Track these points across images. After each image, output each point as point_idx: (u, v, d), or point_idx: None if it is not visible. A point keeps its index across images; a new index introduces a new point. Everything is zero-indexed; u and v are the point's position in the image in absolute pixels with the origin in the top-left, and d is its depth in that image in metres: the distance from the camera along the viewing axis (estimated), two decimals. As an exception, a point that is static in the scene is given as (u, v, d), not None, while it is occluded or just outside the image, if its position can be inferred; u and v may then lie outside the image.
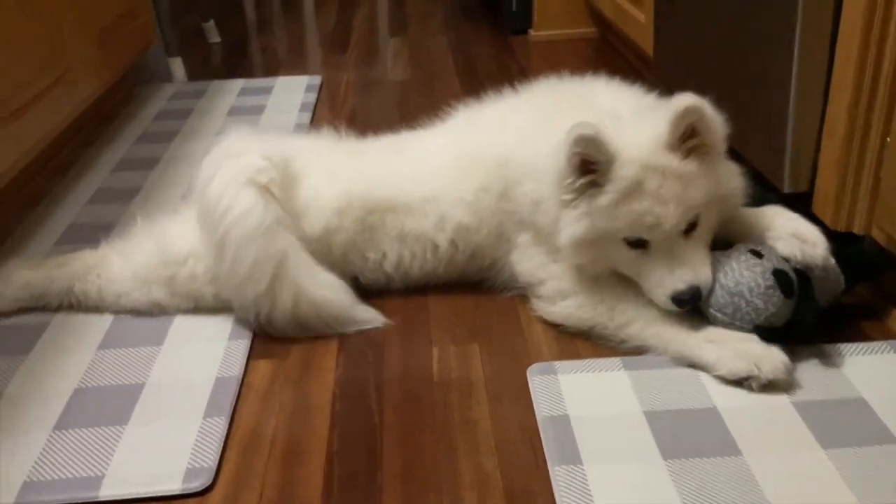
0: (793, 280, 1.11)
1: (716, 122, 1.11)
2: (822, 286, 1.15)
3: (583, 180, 1.11)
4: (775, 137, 1.31)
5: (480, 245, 1.32)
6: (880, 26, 1.10)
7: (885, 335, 1.20)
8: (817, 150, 1.26)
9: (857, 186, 1.18)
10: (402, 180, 1.33)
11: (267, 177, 1.24)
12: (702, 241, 1.15)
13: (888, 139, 1.12)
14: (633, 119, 1.14)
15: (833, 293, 1.17)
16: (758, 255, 1.13)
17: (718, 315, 1.13)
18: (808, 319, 1.13)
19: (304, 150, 1.40)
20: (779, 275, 1.10)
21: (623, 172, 1.09)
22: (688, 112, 1.07)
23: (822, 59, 1.22)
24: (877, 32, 1.11)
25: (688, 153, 1.10)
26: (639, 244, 1.13)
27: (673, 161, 1.09)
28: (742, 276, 1.11)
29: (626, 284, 1.19)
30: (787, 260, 1.13)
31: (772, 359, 1.08)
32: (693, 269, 1.12)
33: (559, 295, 1.24)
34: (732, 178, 1.17)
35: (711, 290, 1.13)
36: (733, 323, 1.12)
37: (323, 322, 1.25)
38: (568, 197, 1.13)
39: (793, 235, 1.15)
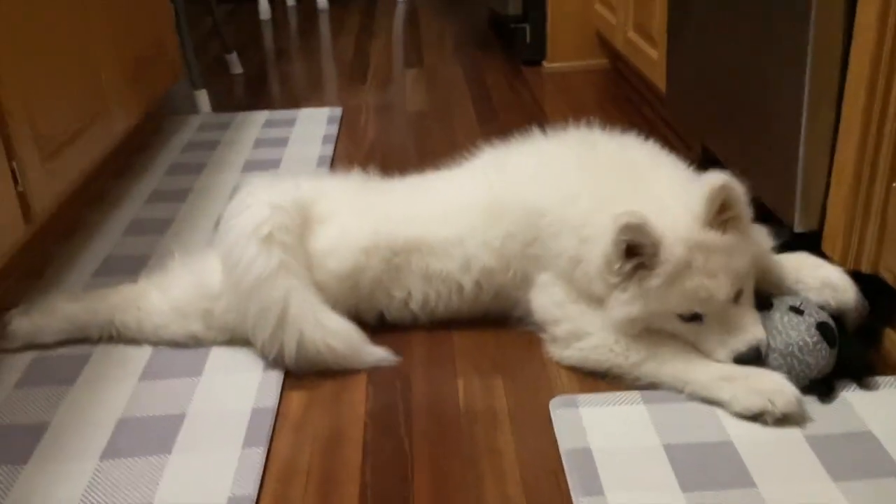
0: (834, 329, 1.18)
1: (742, 194, 1.17)
2: (854, 320, 1.23)
3: (630, 265, 1.16)
4: (786, 178, 1.37)
5: (504, 286, 1.37)
6: (885, 79, 1.16)
7: (894, 370, 1.25)
8: (826, 191, 1.32)
9: (864, 228, 1.24)
10: (428, 222, 1.38)
11: (270, 226, 1.30)
12: (748, 301, 1.21)
13: (894, 185, 1.17)
14: (672, 198, 1.19)
15: (861, 319, 1.25)
16: (798, 311, 1.20)
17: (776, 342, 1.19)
18: (855, 359, 1.21)
19: (332, 190, 1.47)
20: (822, 328, 1.18)
21: (670, 254, 1.14)
22: (720, 190, 1.13)
23: (831, 105, 1.28)
24: (882, 84, 1.17)
25: (723, 226, 1.16)
26: (693, 318, 1.18)
27: (714, 236, 1.15)
28: (790, 336, 1.18)
29: None
30: (822, 307, 1.21)
31: (784, 393, 1.13)
32: (750, 331, 1.18)
33: (573, 337, 1.28)
34: (763, 239, 1.26)
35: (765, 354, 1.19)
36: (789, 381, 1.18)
37: (330, 363, 1.30)
38: (615, 280, 1.18)
39: (823, 285, 1.23)
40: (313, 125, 2.42)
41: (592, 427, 1.15)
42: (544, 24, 2.91)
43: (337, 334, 1.29)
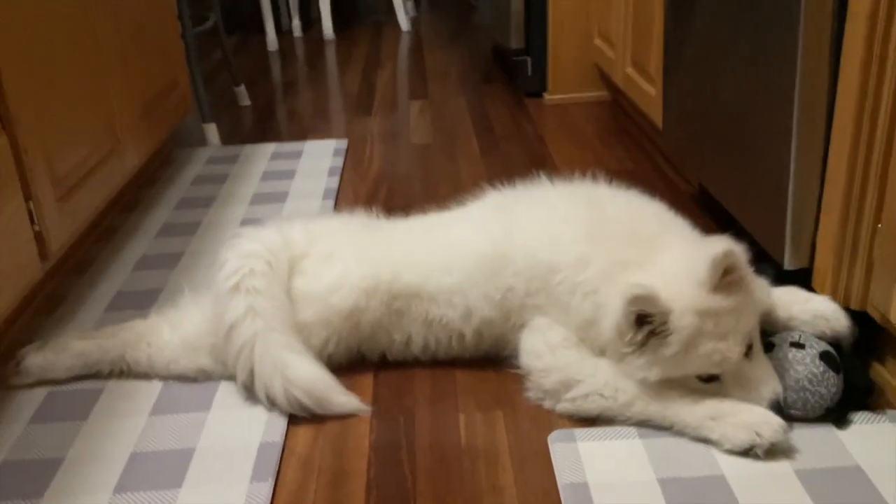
0: (836, 356, 1.24)
1: (744, 257, 1.19)
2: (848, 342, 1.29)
3: (641, 334, 1.19)
4: (776, 216, 1.41)
5: (504, 334, 1.40)
6: (870, 121, 1.21)
7: (884, 405, 1.28)
8: (816, 230, 1.36)
9: (852, 267, 1.28)
10: (429, 269, 1.40)
11: (239, 276, 1.35)
12: (759, 352, 1.24)
13: (879, 225, 1.22)
14: (679, 265, 1.21)
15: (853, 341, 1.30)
16: (799, 345, 1.25)
17: (792, 412, 1.23)
18: (860, 382, 1.25)
19: (334, 230, 1.51)
20: (826, 357, 1.23)
21: (681, 323, 1.16)
22: (724, 258, 1.16)
23: (819, 145, 1.33)
24: (867, 126, 1.21)
25: (728, 288, 1.18)
26: (710, 378, 1.22)
27: (721, 300, 1.17)
28: (797, 371, 1.22)
29: None
30: (820, 338, 1.26)
31: (769, 424, 1.17)
32: (767, 383, 1.21)
33: (563, 387, 1.28)
34: (763, 292, 1.30)
35: None
36: (807, 415, 1.23)
37: (302, 408, 1.31)
38: (628, 350, 1.21)
39: (815, 317, 1.28)
40: (319, 157, 2.48)
41: (589, 461, 1.19)
42: (545, 57, 2.97)
43: (297, 383, 1.30)
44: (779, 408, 1.20)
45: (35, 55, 1.53)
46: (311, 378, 1.31)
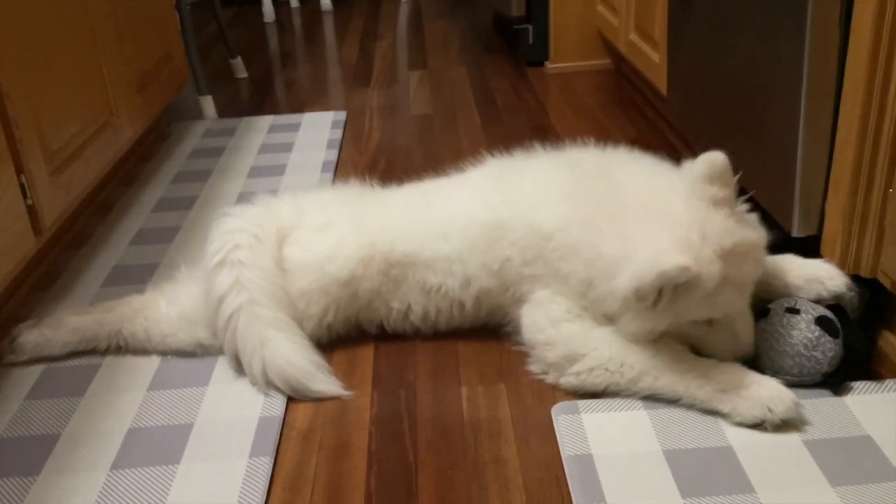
0: (834, 320, 1.20)
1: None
2: (853, 305, 1.26)
3: (663, 300, 1.15)
4: (785, 183, 1.38)
5: (502, 304, 1.38)
6: (881, 84, 1.17)
7: (893, 373, 1.26)
8: (825, 196, 1.33)
9: (862, 234, 1.25)
10: (427, 237, 1.38)
11: (225, 252, 1.35)
12: (747, 302, 1.23)
13: (890, 190, 1.19)
14: (686, 216, 1.17)
15: (862, 304, 1.28)
16: (794, 311, 1.22)
17: (788, 378, 1.20)
18: (860, 347, 1.22)
19: (329, 201, 1.49)
20: (822, 321, 1.20)
21: (710, 279, 1.12)
22: (716, 164, 1.19)
23: (829, 110, 1.29)
24: (878, 89, 1.18)
25: (722, 203, 1.17)
26: (708, 321, 1.20)
27: (745, 236, 1.16)
28: (792, 336, 1.20)
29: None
30: (818, 302, 1.23)
31: (782, 400, 1.15)
32: (748, 336, 1.22)
33: (567, 361, 1.26)
34: (759, 229, 1.23)
35: (773, 359, 1.22)
36: (803, 380, 1.21)
37: (287, 387, 1.29)
38: (639, 305, 1.17)
39: (808, 281, 1.25)
40: (317, 130, 2.44)
41: (594, 433, 1.17)
42: (547, 25, 2.92)
43: (273, 367, 1.28)
44: (752, 362, 1.20)
45: (24, 27, 1.50)
46: (288, 362, 1.28)
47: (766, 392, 1.15)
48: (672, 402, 1.21)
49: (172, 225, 1.88)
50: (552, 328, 1.28)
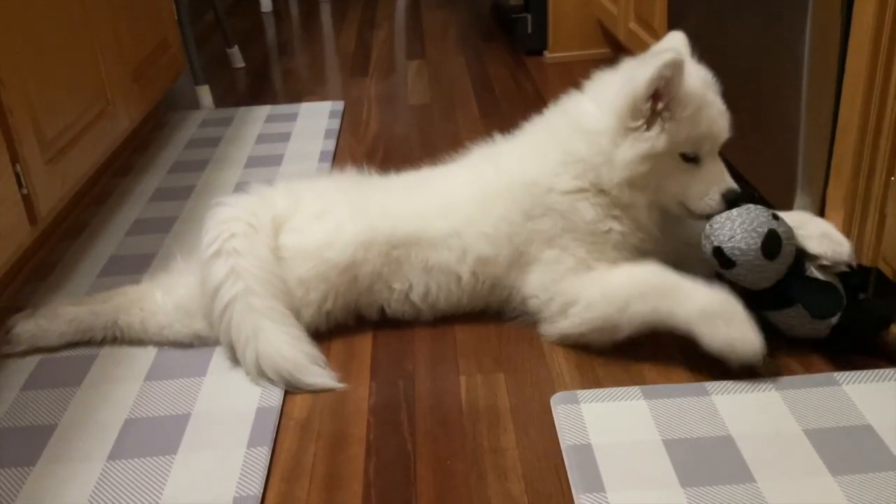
0: (780, 249, 1.21)
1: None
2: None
3: (660, 105, 1.25)
4: (786, 171, 1.37)
5: (498, 276, 1.39)
6: (883, 70, 1.16)
7: (893, 362, 1.25)
8: (826, 185, 1.32)
9: (863, 222, 1.24)
10: (425, 216, 1.40)
11: (220, 242, 1.34)
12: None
13: (892, 178, 1.18)
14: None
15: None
16: (776, 217, 1.24)
17: (706, 226, 1.26)
18: (874, 310, 1.26)
19: (326, 188, 1.49)
20: (772, 233, 1.21)
21: (694, 87, 1.27)
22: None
23: (830, 98, 1.28)
24: (880, 76, 1.17)
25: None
26: (692, 159, 1.30)
27: (710, 77, 1.32)
28: (749, 212, 1.24)
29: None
30: (818, 257, 1.25)
31: (745, 342, 1.19)
32: (726, 180, 1.32)
33: (565, 306, 1.32)
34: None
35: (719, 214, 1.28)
36: (707, 236, 1.25)
37: (280, 379, 1.29)
38: (636, 123, 1.27)
39: (823, 235, 1.27)
40: (315, 119, 2.43)
41: (593, 423, 1.16)
42: (546, 13, 2.90)
43: (266, 360, 1.28)
44: (734, 202, 1.28)
45: (18, 14, 1.48)
46: (281, 354, 1.28)
47: (736, 332, 1.19)
48: (658, 326, 1.25)
49: (169, 215, 1.87)
50: (553, 286, 1.34)
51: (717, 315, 1.20)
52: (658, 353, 1.31)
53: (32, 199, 1.46)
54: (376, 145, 2.28)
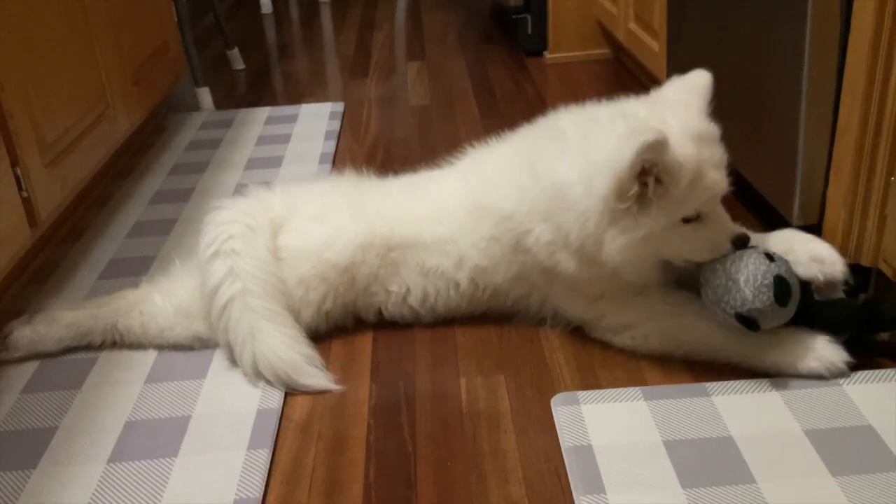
0: (791, 291, 1.18)
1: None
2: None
3: (650, 184, 1.14)
4: (785, 172, 1.37)
5: (500, 286, 1.38)
6: (883, 71, 1.16)
7: (894, 363, 1.25)
8: (826, 185, 1.32)
9: (863, 222, 1.24)
10: (422, 220, 1.40)
11: (218, 244, 1.34)
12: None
13: (892, 178, 1.18)
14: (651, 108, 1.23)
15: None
16: (770, 258, 1.19)
17: (709, 293, 1.21)
18: (886, 313, 1.24)
19: (324, 191, 1.49)
20: (779, 280, 1.17)
21: (685, 158, 1.14)
22: (709, 82, 1.23)
23: (830, 98, 1.28)
24: (880, 76, 1.17)
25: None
26: (695, 217, 1.20)
27: (708, 126, 1.20)
28: (747, 267, 1.18)
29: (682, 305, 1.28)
30: (810, 281, 1.21)
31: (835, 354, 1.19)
32: (731, 224, 1.24)
33: (623, 328, 1.31)
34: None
35: (714, 272, 1.21)
36: (718, 304, 1.20)
37: (277, 380, 1.29)
38: (624, 206, 1.15)
39: (811, 259, 1.23)
40: (315, 121, 2.43)
41: (594, 424, 1.16)
42: (546, 14, 2.90)
43: (263, 362, 1.28)
44: (745, 243, 1.21)
45: (19, 17, 1.48)
46: (278, 356, 1.28)
47: (813, 355, 1.19)
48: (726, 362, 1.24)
49: (169, 217, 1.87)
50: (591, 309, 1.32)
51: (785, 351, 1.20)
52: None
53: (32, 201, 1.46)
54: (376, 147, 2.28)
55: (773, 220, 1.46)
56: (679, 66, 1.93)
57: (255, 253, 1.34)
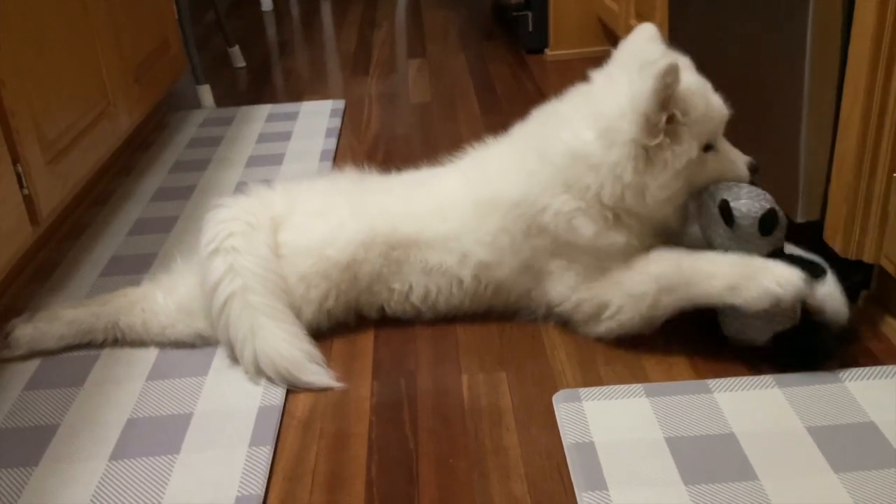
0: (778, 225, 1.21)
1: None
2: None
3: (677, 112, 1.19)
4: (787, 169, 1.37)
5: (503, 281, 1.38)
6: (885, 67, 1.16)
7: (895, 359, 1.25)
8: (828, 181, 1.32)
9: (865, 219, 1.24)
10: (424, 217, 1.40)
11: (218, 241, 1.35)
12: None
13: (894, 175, 1.17)
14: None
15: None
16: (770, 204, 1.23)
17: (714, 188, 1.26)
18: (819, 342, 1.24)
19: (325, 188, 1.49)
20: (772, 211, 1.20)
21: (691, 82, 1.22)
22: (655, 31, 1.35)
23: (831, 95, 1.28)
24: (882, 73, 1.16)
25: None
26: (709, 147, 1.26)
27: (685, 59, 1.26)
28: (758, 190, 1.24)
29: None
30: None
31: (790, 280, 1.17)
32: (741, 157, 1.31)
33: (596, 311, 1.31)
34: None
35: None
36: (712, 196, 1.25)
37: (278, 377, 1.29)
38: (656, 140, 1.20)
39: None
40: (316, 118, 2.43)
41: (595, 421, 1.16)
42: (546, 12, 2.90)
43: (264, 359, 1.28)
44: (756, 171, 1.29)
45: (20, 15, 1.48)
46: (278, 353, 1.28)
47: (770, 279, 1.17)
48: (692, 306, 1.25)
49: (171, 215, 1.87)
50: (574, 293, 1.33)
51: (742, 277, 1.19)
52: (660, 350, 1.31)
53: (34, 199, 1.46)
54: (377, 144, 2.27)
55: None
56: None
57: (256, 250, 1.34)
